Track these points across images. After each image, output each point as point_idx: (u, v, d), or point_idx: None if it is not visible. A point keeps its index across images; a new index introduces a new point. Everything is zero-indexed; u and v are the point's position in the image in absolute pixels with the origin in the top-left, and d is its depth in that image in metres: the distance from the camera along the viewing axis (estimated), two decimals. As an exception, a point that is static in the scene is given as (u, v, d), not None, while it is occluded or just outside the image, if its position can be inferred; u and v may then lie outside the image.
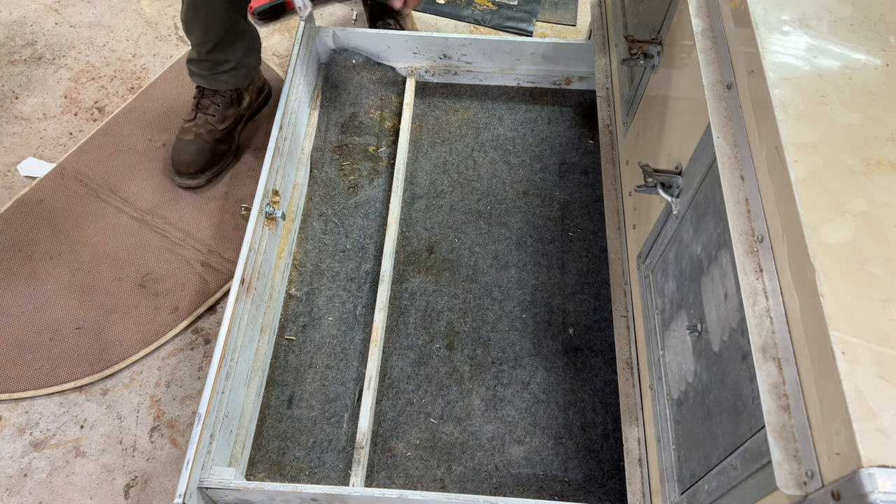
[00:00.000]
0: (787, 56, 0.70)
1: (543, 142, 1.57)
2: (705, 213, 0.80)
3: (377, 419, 1.21)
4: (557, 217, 1.45)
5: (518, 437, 1.19)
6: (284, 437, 1.19)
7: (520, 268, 1.38)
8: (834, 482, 0.49)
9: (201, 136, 1.46)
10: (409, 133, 1.54)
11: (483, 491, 1.14)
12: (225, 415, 1.09)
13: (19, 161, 1.52)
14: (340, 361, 1.26)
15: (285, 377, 1.25)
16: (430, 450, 1.18)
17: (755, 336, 0.61)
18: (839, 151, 0.62)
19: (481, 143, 1.56)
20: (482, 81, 1.65)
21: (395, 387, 1.24)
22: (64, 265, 1.36)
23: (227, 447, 1.11)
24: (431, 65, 1.63)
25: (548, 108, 1.63)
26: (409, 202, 1.47)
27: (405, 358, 1.27)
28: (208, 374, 1.05)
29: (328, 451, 1.18)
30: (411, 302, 1.33)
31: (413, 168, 1.52)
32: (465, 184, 1.50)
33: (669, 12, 1.01)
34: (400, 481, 1.15)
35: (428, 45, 1.59)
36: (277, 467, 1.16)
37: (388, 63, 1.63)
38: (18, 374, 1.24)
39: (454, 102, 1.63)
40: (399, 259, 1.39)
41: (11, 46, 1.73)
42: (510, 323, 1.31)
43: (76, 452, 1.18)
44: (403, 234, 1.42)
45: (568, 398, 1.23)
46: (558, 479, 1.16)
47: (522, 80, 1.65)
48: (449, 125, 1.59)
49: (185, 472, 0.97)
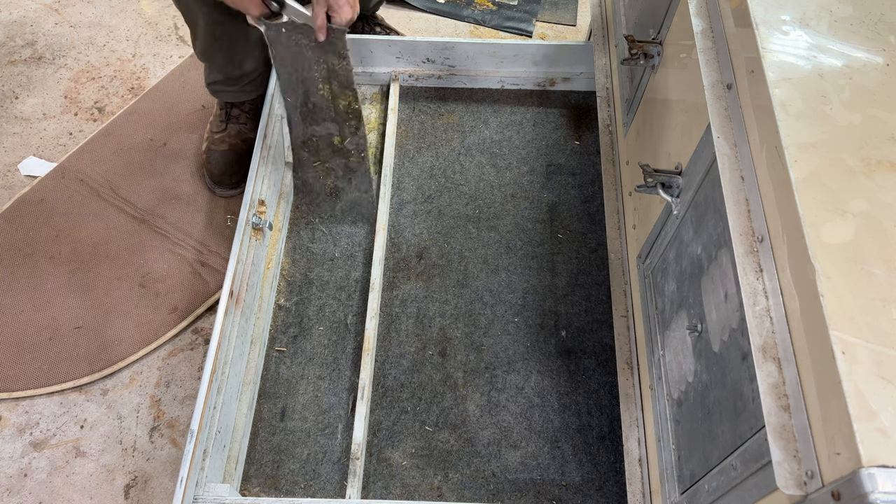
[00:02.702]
0: (788, 56, 0.70)
1: (529, 144, 1.56)
2: (705, 213, 0.80)
3: (372, 429, 1.20)
4: (546, 219, 1.45)
5: (514, 441, 1.19)
6: (278, 450, 1.18)
7: (510, 271, 1.37)
8: (834, 482, 0.49)
9: (236, 145, 1.46)
10: (394, 138, 1.53)
11: (481, 498, 1.14)
12: (218, 430, 1.07)
13: (19, 161, 1.52)
14: (332, 371, 1.25)
15: (277, 389, 1.23)
16: (426, 458, 1.18)
17: (755, 336, 0.61)
18: (839, 151, 0.62)
19: (467, 146, 1.55)
20: (466, 85, 1.64)
21: (389, 395, 1.23)
22: (64, 265, 1.36)
23: (221, 463, 1.10)
24: (415, 69, 1.62)
25: (533, 110, 1.62)
26: (397, 208, 1.46)
27: (398, 366, 1.26)
28: (199, 389, 1.04)
29: (323, 462, 1.17)
30: (402, 309, 1.33)
31: (400, 173, 1.50)
32: (453, 188, 1.49)
33: (669, 12, 1.01)
34: (397, 491, 1.15)
35: (411, 49, 1.58)
36: (272, 481, 1.15)
37: (372, 69, 1.61)
38: (18, 373, 1.24)
39: (439, 106, 1.62)
40: (388, 266, 1.38)
41: (11, 46, 1.73)
42: (502, 327, 1.31)
43: (76, 452, 1.18)
44: (392, 241, 1.41)
45: (563, 401, 1.23)
46: (556, 483, 1.15)
47: (507, 83, 1.64)
48: (435, 129, 1.58)
49: (178, 491, 0.96)
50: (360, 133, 1.29)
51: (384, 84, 1.65)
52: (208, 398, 1.04)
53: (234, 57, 1.34)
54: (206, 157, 1.48)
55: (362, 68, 1.63)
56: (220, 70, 1.37)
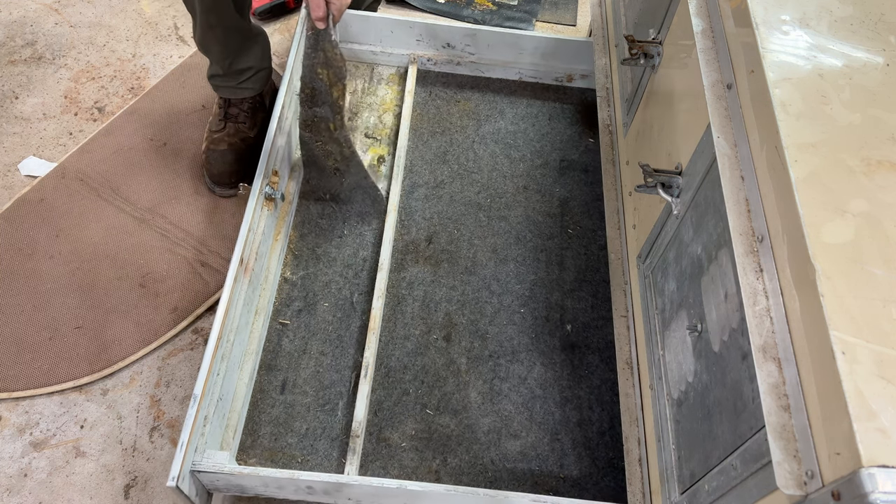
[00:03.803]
0: (788, 56, 0.70)
1: (544, 137, 1.57)
2: (705, 213, 0.80)
3: (373, 408, 1.20)
4: (557, 213, 1.45)
5: (514, 431, 1.20)
6: (277, 422, 1.18)
7: (519, 262, 1.38)
8: (834, 482, 0.49)
9: (235, 144, 1.46)
10: (409, 121, 1.55)
11: (478, 484, 1.14)
12: (219, 398, 1.08)
13: (19, 161, 1.52)
14: (336, 348, 1.26)
15: (279, 362, 1.24)
16: (425, 441, 1.18)
17: (755, 336, 0.61)
18: (839, 151, 0.62)
19: (482, 135, 1.56)
20: (484, 73, 1.65)
21: (392, 376, 1.24)
22: (64, 264, 1.36)
23: (220, 431, 1.10)
24: (434, 53, 1.63)
25: (549, 104, 1.63)
26: (409, 190, 1.47)
27: (402, 348, 1.27)
28: (204, 354, 1.04)
29: (321, 438, 1.17)
30: (409, 292, 1.33)
31: (413, 156, 1.52)
32: (465, 175, 1.50)
33: (669, 12, 1.01)
34: (395, 472, 1.15)
35: (432, 33, 1.59)
36: (269, 453, 1.16)
37: (391, 50, 1.62)
38: (18, 373, 1.24)
39: (455, 93, 1.63)
40: (397, 248, 1.38)
41: (11, 46, 1.73)
42: (508, 317, 1.31)
43: (76, 452, 1.18)
44: (402, 223, 1.42)
45: (565, 394, 1.23)
46: (554, 475, 1.16)
47: (525, 75, 1.65)
48: (450, 115, 1.59)
49: (178, 455, 0.95)
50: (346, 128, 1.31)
51: (402, 66, 1.66)
52: (213, 364, 1.04)
53: (229, 48, 1.35)
54: (205, 157, 1.48)
55: (381, 48, 1.64)
56: (217, 62, 1.38)
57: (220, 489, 1.06)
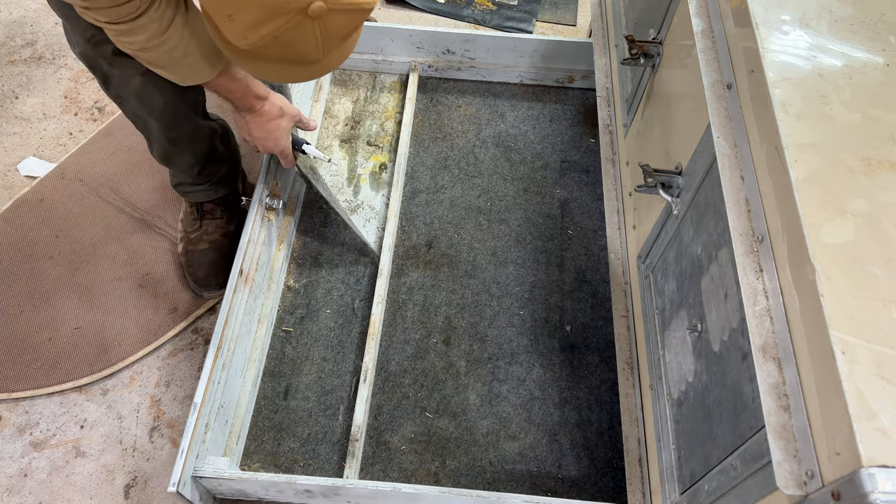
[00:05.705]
0: (788, 56, 0.70)
1: (545, 139, 1.57)
2: (705, 213, 0.80)
3: (373, 412, 1.21)
4: (557, 215, 1.45)
5: (513, 433, 1.20)
6: (280, 428, 1.19)
7: (518, 264, 1.38)
8: (834, 482, 0.49)
9: (216, 242, 1.33)
10: (410, 128, 1.55)
11: (477, 486, 1.14)
12: (221, 405, 1.09)
13: (19, 161, 1.52)
14: (337, 354, 1.27)
15: (282, 368, 1.25)
16: (424, 444, 1.18)
17: (755, 336, 0.61)
18: (839, 151, 0.62)
19: (483, 139, 1.57)
20: (485, 77, 1.66)
21: (392, 380, 1.24)
22: (64, 265, 1.36)
23: (223, 437, 1.11)
24: (434, 60, 1.64)
25: (550, 106, 1.63)
26: (410, 196, 1.47)
27: (402, 352, 1.27)
28: (204, 364, 1.06)
29: (323, 442, 1.18)
30: (409, 296, 1.34)
31: (414, 163, 1.52)
32: (466, 179, 1.50)
33: (669, 12, 1.01)
34: (394, 474, 1.15)
35: (432, 39, 1.60)
36: (272, 458, 1.17)
37: (392, 58, 1.63)
38: (18, 373, 1.23)
39: (456, 98, 1.64)
40: (398, 253, 1.39)
41: (11, 46, 1.73)
42: (508, 319, 1.32)
43: (76, 452, 1.18)
44: (403, 229, 1.43)
45: (564, 395, 1.23)
46: (552, 476, 1.16)
47: (525, 77, 1.66)
48: (451, 120, 1.60)
49: (179, 461, 0.97)
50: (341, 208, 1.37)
51: (403, 73, 1.67)
52: (213, 373, 1.05)
53: (197, 156, 1.21)
54: (185, 260, 1.34)
55: (382, 56, 1.64)
56: (184, 173, 1.24)
57: (222, 493, 1.07)
